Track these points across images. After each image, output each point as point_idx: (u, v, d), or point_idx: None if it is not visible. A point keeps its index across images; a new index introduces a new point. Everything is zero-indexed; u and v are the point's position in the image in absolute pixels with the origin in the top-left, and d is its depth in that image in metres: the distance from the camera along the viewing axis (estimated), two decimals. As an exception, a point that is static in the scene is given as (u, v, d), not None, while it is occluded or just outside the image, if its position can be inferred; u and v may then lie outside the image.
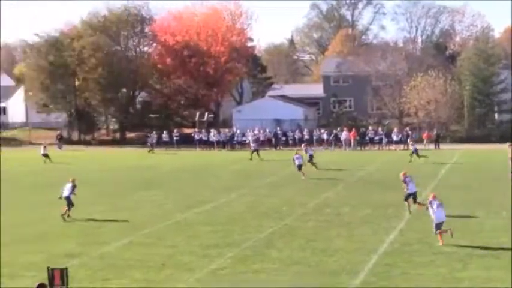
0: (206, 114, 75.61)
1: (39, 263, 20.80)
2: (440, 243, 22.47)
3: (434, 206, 23.04)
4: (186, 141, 66.54)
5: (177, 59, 78.13)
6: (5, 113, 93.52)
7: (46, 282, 14.34)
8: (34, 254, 22.44)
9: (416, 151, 48.99)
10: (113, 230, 26.42)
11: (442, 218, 22.95)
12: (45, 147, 55.32)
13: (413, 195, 28.29)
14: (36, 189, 38.61)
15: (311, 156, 43.66)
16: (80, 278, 19.26)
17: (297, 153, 42.28)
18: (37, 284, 14.00)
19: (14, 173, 47.01)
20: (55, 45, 77.29)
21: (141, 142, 68.57)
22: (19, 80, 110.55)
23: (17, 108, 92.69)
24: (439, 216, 22.91)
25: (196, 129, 69.77)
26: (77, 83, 78.29)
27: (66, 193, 29.09)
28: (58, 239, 24.82)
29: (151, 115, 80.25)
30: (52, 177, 43.57)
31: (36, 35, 79.96)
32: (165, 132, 67.43)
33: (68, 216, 28.70)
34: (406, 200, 28.44)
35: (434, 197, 23.49)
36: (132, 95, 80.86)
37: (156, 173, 45.50)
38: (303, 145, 49.73)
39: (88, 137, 76.69)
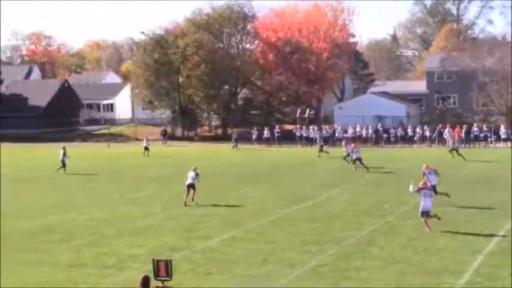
0: (307, 110, 75.56)
1: (144, 256, 21.34)
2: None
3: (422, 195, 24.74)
4: (287, 138, 66.75)
5: (279, 55, 78.43)
6: (112, 110, 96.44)
7: (151, 274, 14.65)
8: (139, 247, 23.02)
9: None
10: (215, 224, 26.77)
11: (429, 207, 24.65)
12: (147, 140, 57.29)
13: (433, 187, 28.70)
14: (140, 183, 39.56)
15: (349, 155, 44.44)
16: (183, 272, 19.59)
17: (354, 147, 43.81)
18: (142, 276, 14.31)
19: (119, 167, 48.34)
20: (160, 43, 79.10)
21: (243, 138, 69.21)
22: (126, 78, 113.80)
23: (123, 105, 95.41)
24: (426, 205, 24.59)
25: (298, 126, 69.85)
26: (180, 80, 79.88)
27: (190, 181, 31.22)
28: (161, 233, 25.36)
29: (253, 112, 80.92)
30: (155, 172, 44.63)
31: (142, 33, 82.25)
32: (266, 128, 67.86)
33: (192, 200, 30.92)
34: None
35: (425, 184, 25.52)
36: (234, 91, 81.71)
37: (258, 169, 45.82)
38: (343, 142, 49.80)
39: (191, 133, 78.05)
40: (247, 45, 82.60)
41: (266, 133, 67.17)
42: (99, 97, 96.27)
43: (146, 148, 56.19)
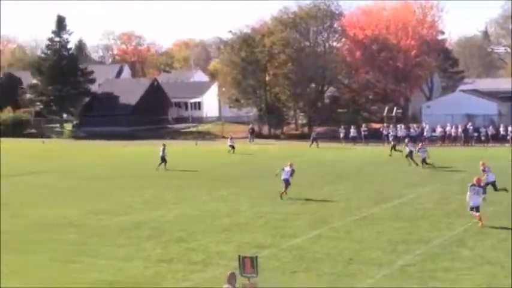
0: (395, 109, 74.59)
1: (231, 253, 21.57)
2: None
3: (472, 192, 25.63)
4: (374, 137, 66.11)
5: (366, 53, 77.68)
6: (200, 108, 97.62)
7: (237, 271, 14.77)
8: (226, 244, 23.28)
9: None
10: (301, 223, 26.79)
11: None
12: (231, 138, 58.10)
13: (493, 184, 30.44)
14: (228, 181, 39.93)
15: (411, 152, 44.81)
16: (269, 269, 19.69)
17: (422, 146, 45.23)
18: (228, 272, 14.46)
19: (207, 165, 48.90)
20: (247, 41, 79.55)
21: (329, 137, 68.90)
22: (213, 76, 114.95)
23: (211, 103, 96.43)
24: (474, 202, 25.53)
25: (385, 125, 69.07)
26: (267, 78, 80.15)
27: (285, 176, 32.51)
28: (248, 230, 25.56)
29: (339, 110, 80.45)
30: (243, 170, 44.98)
31: (230, 32, 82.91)
32: (352, 127, 67.38)
33: (285, 193, 32.17)
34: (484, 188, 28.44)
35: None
36: (321, 90, 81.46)
37: (344, 168, 45.57)
38: (406, 140, 49.36)
39: (277, 131, 78.24)
40: (334, 43, 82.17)
41: (353, 132, 66.74)
42: (187, 95, 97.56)
43: (232, 146, 57.14)
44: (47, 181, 41.15)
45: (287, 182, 32.48)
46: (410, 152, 45.07)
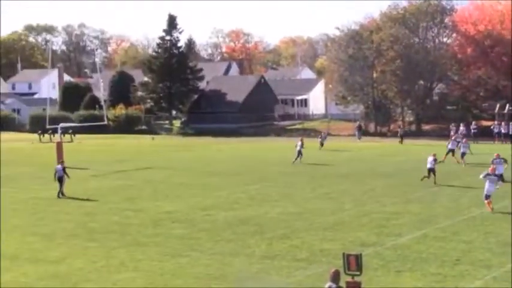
0: (507, 106, 72.24)
1: (335, 250, 21.52)
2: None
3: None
4: (484, 134, 64.26)
5: (478, 49, 75.58)
6: (306, 105, 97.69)
7: (341, 269, 14.73)
8: (330, 242, 23.24)
9: None
10: (406, 222, 26.42)
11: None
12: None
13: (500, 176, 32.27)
14: (332, 178, 39.77)
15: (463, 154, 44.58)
16: (373, 268, 19.56)
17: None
18: (333, 270, 14.43)
19: (311, 162, 48.81)
20: (355, 38, 78.98)
21: (437, 135, 67.50)
22: (320, 73, 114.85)
23: (317, 100, 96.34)
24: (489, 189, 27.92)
25: (496, 122, 67.06)
26: (374, 75, 79.29)
27: (429, 165, 35.53)
28: (353, 228, 25.41)
29: (449, 107, 78.66)
30: (348, 167, 44.69)
31: (337, 28, 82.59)
32: (462, 124, 65.75)
33: (434, 183, 34.98)
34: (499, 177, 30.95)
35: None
36: (430, 86, 79.91)
37: (451, 166, 44.44)
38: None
39: (384, 129, 77.31)
40: (444, 39, 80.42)
41: (462, 129, 65.10)
42: (294, 93, 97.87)
43: (321, 144, 57.97)
44: (158, 177, 42.21)
45: (431, 171, 35.44)
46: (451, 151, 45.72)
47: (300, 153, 47.77)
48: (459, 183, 36.36)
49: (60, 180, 34.50)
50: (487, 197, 27.98)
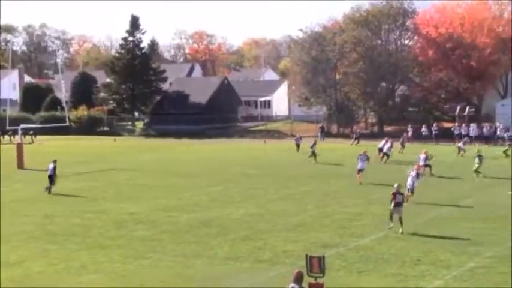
0: (467, 108, 73.16)
1: (298, 252, 21.54)
2: None
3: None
4: (445, 136, 64.98)
5: (439, 51, 76.39)
6: (269, 107, 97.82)
7: (304, 270, 14.75)
8: (293, 243, 23.27)
9: None
10: (368, 223, 26.58)
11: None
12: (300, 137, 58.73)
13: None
14: (296, 179, 39.84)
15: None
16: (336, 269, 19.62)
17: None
18: (295, 271, 14.44)
19: (275, 163, 48.96)
20: (318, 40, 79.36)
21: (399, 136, 68.00)
22: (283, 75, 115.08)
23: (280, 101, 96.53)
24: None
25: (456, 124, 67.86)
26: (337, 77, 79.74)
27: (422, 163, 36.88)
28: (315, 229, 25.48)
29: (410, 109, 79.39)
30: (311, 169, 44.84)
31: (301, 30, 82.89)
32: (424, 126, 66.40)
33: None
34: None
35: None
36: (392, 88, 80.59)
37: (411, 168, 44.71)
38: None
39: (347, 130, 77.75)
40: (406, 41, 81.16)
41: (424, 131, 65.78)
42: (257, 94, 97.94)
43: (297, 145, 57.21)
44: (120, 178, 41.91)
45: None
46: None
47: (313, 153, 48.56)
48: (421, 184, 36.60)
49: (51, 178, 35.73)
50: (409, 190, 30.52)
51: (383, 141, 50.36)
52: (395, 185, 25.68)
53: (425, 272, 19.54)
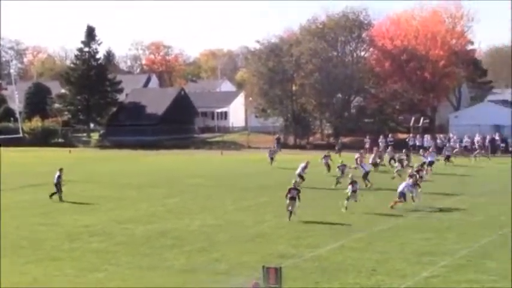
0: (421, 119, 74.09)
1: (254, 263, 21.48)
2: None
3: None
4: (400, 147, 65.50)
5: (394, 63, 77.26)
6: (226, 118, 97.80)
7: (260, 281, 14.73)
8: (249, 254, 23.20)
9: None
10: (324, 233, 26.66)
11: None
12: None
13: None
14: (252, 190, 39.84)
15: (431, 162, 45.68)
16: (293, 279, 19.62)
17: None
18: (253, 282, 14.41)
19: (232, 175, 48.92)
20: (274, 51, 79.62)
21: (355, 147, 68.51)
22: (240, 86, 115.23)
23: (237, 113, 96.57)
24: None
25: (411, 135, 68.59)
26: (294, 88, 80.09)
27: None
28: (273, 240, 25.47)
29: (366, 120, 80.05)
30: (268, 180, 44.84)
31: (257, 41, 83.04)
32: (381, 137, 66.91)
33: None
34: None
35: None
36: (347, 99, 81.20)
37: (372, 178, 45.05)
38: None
39: (303, 141, 78.05)
40: (362, 53, 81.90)
41: (380, 141, 66.31)
42: (214, 105, 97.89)
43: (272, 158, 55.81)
44: (75, 190, 41.39)
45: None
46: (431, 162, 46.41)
47: (327, 165, 48.12)
48: (376, 194, 36.94)
49: (56, 186, 36.81)
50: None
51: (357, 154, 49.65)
52: (293, 182, 30.52)
53: (380, 281, 19.67)
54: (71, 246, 25.04)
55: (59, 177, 37.44)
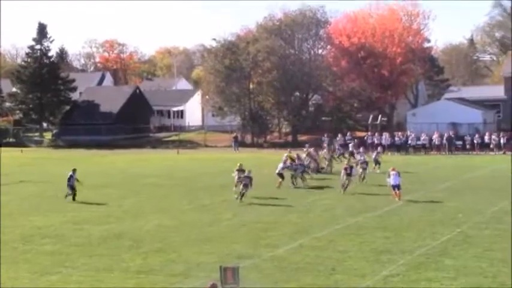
0: (379, 117, 74.47)
1: (211, 264, 21.09)
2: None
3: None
4: (359, 145, 65.70)
5: (352, 61, 77.41)
6: (182, 117, 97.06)
7: (219, 282, 14.46)
8: (206, 255, 22.81)
9: None
10: (283, 232, 26.39)
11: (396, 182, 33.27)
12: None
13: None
14: (210, 190, 39.46)
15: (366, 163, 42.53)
16: (251, 280, 19.28)
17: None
18: (210, 283, 14.14)
19: (189, 174, 48.50)
20: (231, 49, 79.24)
21: (313, 145, 68.50)
22: (196, 84, 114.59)
23: (194, 111, 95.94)
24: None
25: (369, 133, 68.85)
26: (251, 86, 79.83)
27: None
28: (231, 240, 25.11)
29: (324, 118, 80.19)
30: (225, 179, 44.48)
31: (214, 39, 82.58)
32: (339, 135, 66.89)
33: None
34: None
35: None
36: (305, 97, 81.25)
37: (327, 177, 45.04)
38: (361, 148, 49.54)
39: (261, 140, 77.85)
40: (319, 51, 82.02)
41: (339, 139, 66.28)
42: (170, 104, 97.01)
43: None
44: (27, 191, 40.57)
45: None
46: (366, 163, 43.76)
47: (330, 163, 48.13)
48: (335, 193, 36.85)
49: (71, 186, 36.28)
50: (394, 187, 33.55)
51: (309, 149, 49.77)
52: (247, 171, 34.28)
53: (339, 281, 19.47)
54: (24, 248, 24.38)
55: (71, 177, 36.58)
